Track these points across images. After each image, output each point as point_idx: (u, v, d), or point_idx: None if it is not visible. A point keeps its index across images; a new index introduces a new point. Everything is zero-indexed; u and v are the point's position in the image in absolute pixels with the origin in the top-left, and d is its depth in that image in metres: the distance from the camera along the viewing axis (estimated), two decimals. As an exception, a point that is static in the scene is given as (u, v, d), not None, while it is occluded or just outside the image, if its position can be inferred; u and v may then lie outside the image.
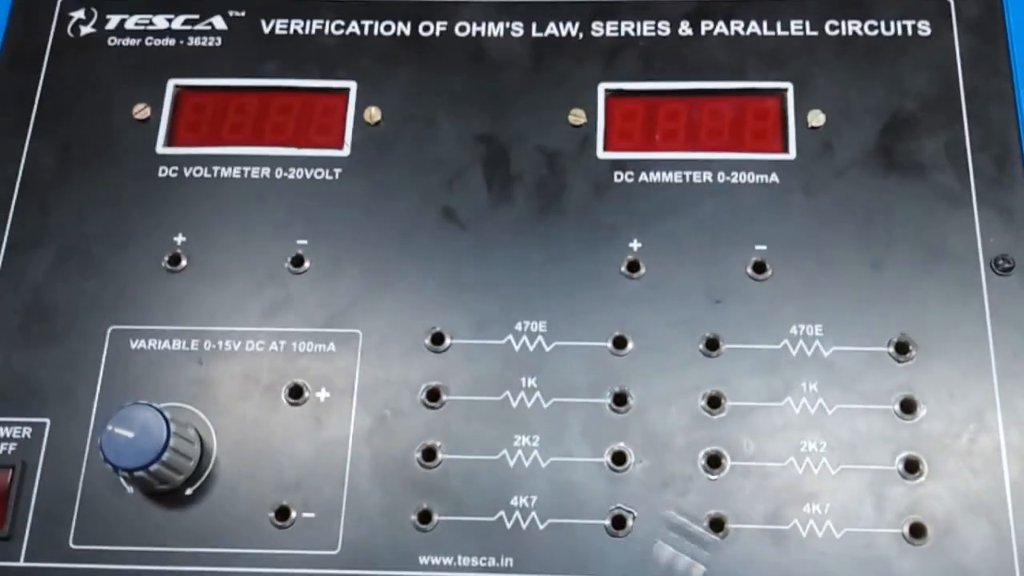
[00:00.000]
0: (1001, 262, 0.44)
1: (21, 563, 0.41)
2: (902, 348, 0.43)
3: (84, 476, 0.42)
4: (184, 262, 0.45)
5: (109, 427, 0.40)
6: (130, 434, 0.39)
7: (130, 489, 0.42)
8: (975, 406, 0.42)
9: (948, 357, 0.43)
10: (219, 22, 0.50)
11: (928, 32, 0.48)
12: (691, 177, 0.46)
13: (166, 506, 0.42)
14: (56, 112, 0.48)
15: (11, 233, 0.46)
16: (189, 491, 0.42)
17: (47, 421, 0.43)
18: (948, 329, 0.43)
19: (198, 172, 0.47)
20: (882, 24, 0.48)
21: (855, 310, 0.43)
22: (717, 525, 0.41)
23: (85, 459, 0.43)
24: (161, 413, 0.40)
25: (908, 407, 0.42)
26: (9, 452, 0.43)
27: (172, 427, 0.40)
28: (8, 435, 0.43)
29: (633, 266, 0.45)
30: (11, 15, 0.50)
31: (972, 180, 0.45)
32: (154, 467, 0.39)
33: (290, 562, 0.41)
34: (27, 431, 0.43)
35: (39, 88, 0.49)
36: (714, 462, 0.42)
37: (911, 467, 0.41)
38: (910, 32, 0.48)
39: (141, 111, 0.48)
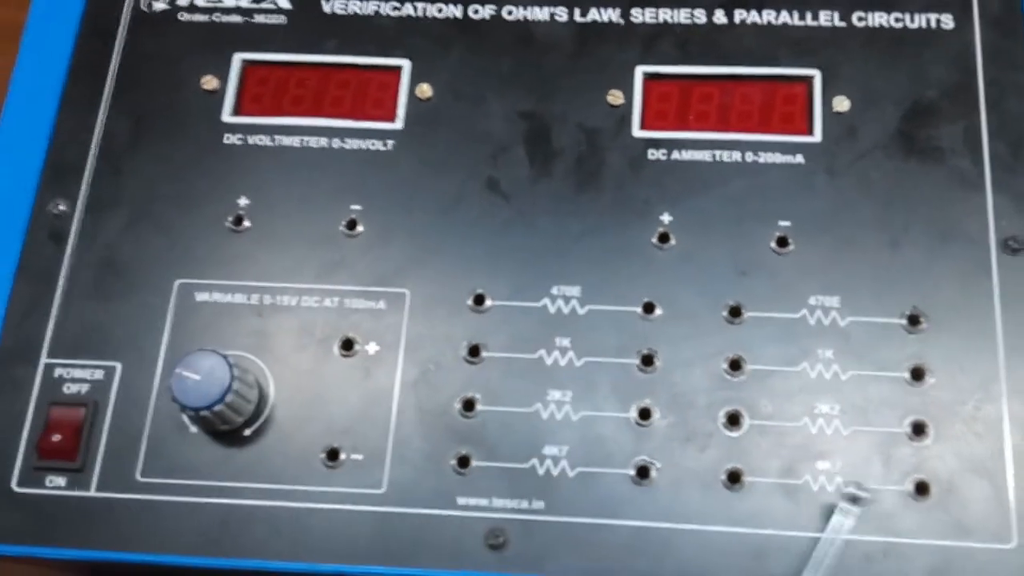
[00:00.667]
0: (1011, 243, 0.46)
1: (92, 493, 0.45)
2: (914, 320, 0.45)
3: (151, 416, 0.46)
4: (247, 223, 0.49)
5: (178, 370, 0.43)
6: (197, 377, 0.43)
7: (193, 429, 0.46)
8: (981, 376, 0.45)
9: (957, 330, 0.45)
10: (283, 2, 0.53)
11: (951, 26, 0.51)
12: (721, 156, 0.49)
13: (226, 444, 0.45)
14: (130, 83, 0.52)
15: (87, 195, 0.50)
16: (248, 432, 0.45)
17: (118, 365, 0.47)
18: (958, 304, 0.46)
19: (261, 140, 0.51)
20: (907, 17, 0.51)
21: (871, 284, 0.46)
22: (734, 478, 0.44)
23: (152, 400, 0.46)
24: (225, 358, 0.43)
25: (917, 375, 0.45)
26: (83, 392, 0.46)
27: (235, 371, 0.43)
28: (82, 377, 0.47)
29: (664, 238, 0.48)
30: (90, -8, 0.54)
31: (987, 165, 0.48)
32: (217, 407, 0.43)
33: (339, 499, 0.44)
34: (99, 374, 0.47)
35: (114, 60, 0.52)
36: (733, 420, 0.45)
37: (918, 430, 0.44)
38: (933, 25, 0.51)
39: (209, 83, 0.52)
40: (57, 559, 0.44)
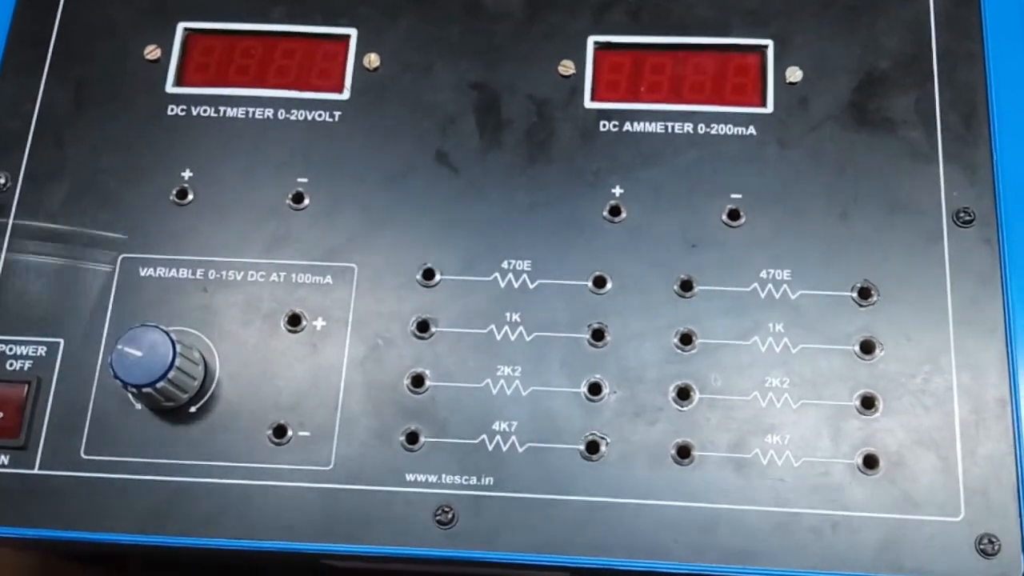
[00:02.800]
0: (962, 215, 0.46)
1: (36, 471, 0.44)
2: (864, 293, 0.45)
3: (95, 392, 0.45)
4: (191, 196, 0.48)
5: (119, 346, 0.42)
6: (139, 353, 0.42)
7: (138, 405, 0.45)
8: (930, 349, 0.45)
9: (908, 303, 0.45)
10: (228, -32, 0.52)
11: (905, -6, 0.50)
12: (673, 128, 0.48)
13: (171, 421, 0.45)
14: (70, 53, 0.51)
15: (27, 166, 0.49)
16: (193, 409, 0.45)
17: (61, 341, 0.46)
18: (909, 277, 0.46)
19: (205, 111, 0.49)
20: (862, -15, 0.51)
21: (822, 257, 0.46)
22: (684, 452, 0.44)
23: (96, 377, 0.46)
24: (168, 334, 0.43)
25: (867, 348, 0.45)
26: (25, 369, 0.46)
27: (178, 348, 0.43)
28: (24, 353, 0.46)
29: (615, 211, 0.47)
30: (28, -43, 0.53)
31: (940, 137, 0.48)
32: (160, 384, 0.42)
33: (286, 476, 0.44)
34: (42, 350, 0.46)
35: (55, 30, 0.51)
36: (683, 394, 0.44)
37: (867, 403, 0.44)
38: (888, -7, 0.50)
39: (152, 52, 0.50)
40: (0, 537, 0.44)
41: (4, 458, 0.45)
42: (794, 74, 0.49)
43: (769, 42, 0.49)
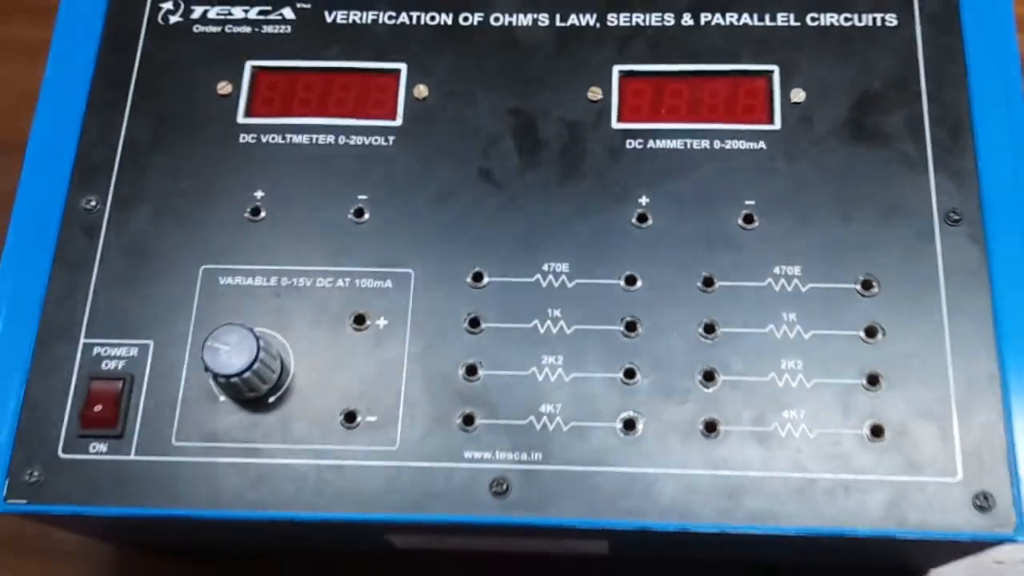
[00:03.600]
0: (952, 215, 0.52)
1: (132, 456, 0.50)
2: (867, 285, 0.51)
3: (183, 387, 0.51)
4: (263, 213, 0.54)
5: (209, 342, 0.48)
6: (227, 347, 0.48)
7: (222, 398, 0.50)
8: (927, 332, 0.50)
9: (906, 292, 0.51)
10: (288, 13, 0.58)
11: (895, 23, 0.56)
12: (691, 144, 0.54)
13: (252, 411, 0.50)
14: (149, 90, 0.57)
15: (115, 191, 0.55)
16: (272, 399, 0.50)
17: (151, 343, 0.51)
18: (906, 269, 0.51)
19: (273, 139, 0.55)
20: (855, 16, 0.57)
21: (828, 254, 0.52)
22: (710, 427, 0.49)
23: (184, 373, 0.51)
24: (251, 330, 0.48)
25: (871, 332, 0.50)
26: (120, 367, 0.51)
27: (261, 342, 0.48)
28: (118, 354, 0.51)
29: (642, 218, 0.53)
30: (108, 6, 0.59)
31: (929, 148, 0.53)
32: (247, 375, 0.48)
33: (356, 456, 0.49)
34: (134, 351, 0.51)
35: (135, 69, 0.57)
36: (709, 377, 0.50)
37: (872, 381, 0.49)
38: (879, 23, 0.56)
39: (223, 88, 0.56)
40: (101, 516, 0.49)
41: (103, 446, 0.50)
42: (798, 95, 0.55)
43: (775, 67, 0.56)
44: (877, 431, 0.49)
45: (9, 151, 0.58)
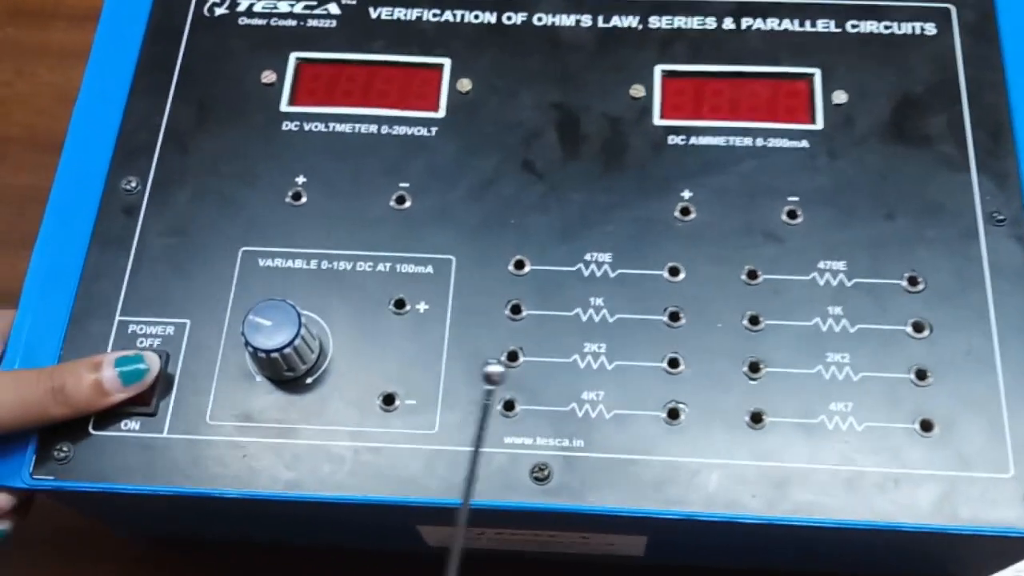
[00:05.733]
0: (995, 215, 0.52)
1: (164, 435, 0.49)
2: (913, 281, 0.51)
3: (219, 366, 0.50)
4: (304, 198, 0.53)
5: (251, 316, 0.47)
6: (268, 322, 0.47)
7: (258, 378, 0.49)
8: (974, 328, 0.49)
9: (952, 289, 0.50)
10: (333, 8, 0.59)
11: (934, 32, 0.57)
12: (733, 142, 0.54)
13: (289, 391, 0.49)
14: (194, 77, 0.57)
15: (155, 172, 0.54)
16: (309, 380, 0.49)
17: (188, 322, 0.51)
18: (951, 267, 0.51)
19: (316, 127, 0.55)
20: (895, 25, 0.57)
21: (873, 251, 0.51)
22: (756, 418, 0.48)
23: (220, 352, 0.50)
24: (294, 307, 0.47)
25: (918, 328, 0.50)
26: (154, 345, 0.50)
27: (303, 318, 0.47)
28: (154, 332, 0.51)
29: (685, 211, 0.53)
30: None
31: (971, 151, 0.54)
32: (287, 351, 0.47)
33: (395, 439, 0.48)
34: (170, 329, 0.51)
35: (180, 57, 0.57)
36: (754, 368, 0.49)
37: (921, 375, 0.49)
38: (918, 32, 0.57)
39: (267, 76, 0.57)
40: (132, 494, 0.48)
41: (135, 424, 0.49)
42: (839, 97, 0.55)
43: (816, 70, 0.56)
44: (927, 425, 0.48)
45: (48, 151, 0.58)
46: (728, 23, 0.58)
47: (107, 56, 0.58)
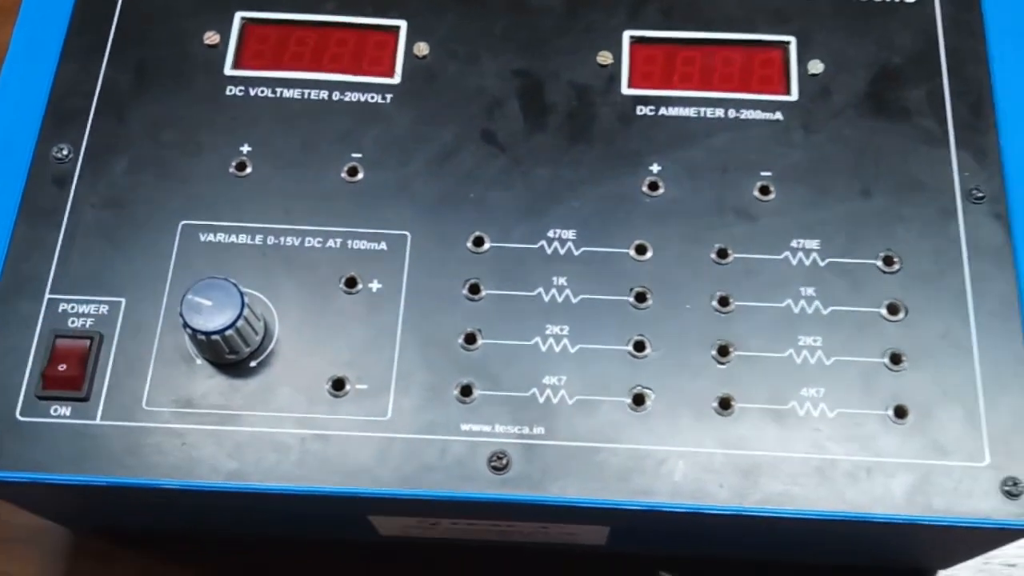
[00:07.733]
0: (975, 192, 0.50)
1: (98, 421, 0.46)
2: (888, 261, 0.48)
3: (156, 348, 0.47)
4: (249, 169, 0.50)
5: (190, 296, 0.44)
6: (208, 302, 0.44)
7: (199, 360, 0.47)
8: (951, 311, 0.47)
9: (928, 270, 0.48)
10: (282, -35, 0.55)
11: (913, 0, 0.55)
12: (705, 112, 0.52)
13: (232, 375, 0.46)
14: (131, 37, 0.53)
15: (88, 139, 0.51)
16: (253, 363, 0.46)
17: (123, 300, 0.48)
18: (928, 246, 0.49)
19: (262, 92, 0.52)
20: (874, -8, 0.55)
21: (848, 229, 0.49)
22: (725, 404, 0.46)
23: (158, 334, 0.47)
24: (235, 285, 0.44)
25: (894, 310, 0.48)
26: (87, 326, 0.47)
27: (246, 298, 0.44)
28: (87, 312, 0.47)
29: (653, 186, 0.50)
30: (91, -50, 0.55)
31: (950, 125, 0.51)
32: (228, 333, 0.44)
33: (345, 426, 0.46)
34: (104, 308, 0.47)
35: (116, 15, 0.54)
36: (723, 351, 0.47)
37: (895, 360, 0.47)
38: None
39: (210, 38, 0.53)
40: (60, 485, 0.45)
41: (66, 409, 0.46)
42: (816, 67, 0.53)
43: (792, 38, 0.53)
44: (901, 412, 0.46)
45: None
46: (700, -13, 0.55)
47: (37, 14, 0.54)
